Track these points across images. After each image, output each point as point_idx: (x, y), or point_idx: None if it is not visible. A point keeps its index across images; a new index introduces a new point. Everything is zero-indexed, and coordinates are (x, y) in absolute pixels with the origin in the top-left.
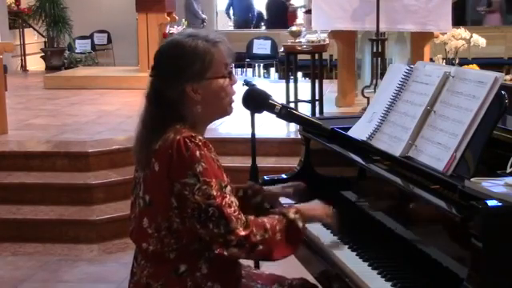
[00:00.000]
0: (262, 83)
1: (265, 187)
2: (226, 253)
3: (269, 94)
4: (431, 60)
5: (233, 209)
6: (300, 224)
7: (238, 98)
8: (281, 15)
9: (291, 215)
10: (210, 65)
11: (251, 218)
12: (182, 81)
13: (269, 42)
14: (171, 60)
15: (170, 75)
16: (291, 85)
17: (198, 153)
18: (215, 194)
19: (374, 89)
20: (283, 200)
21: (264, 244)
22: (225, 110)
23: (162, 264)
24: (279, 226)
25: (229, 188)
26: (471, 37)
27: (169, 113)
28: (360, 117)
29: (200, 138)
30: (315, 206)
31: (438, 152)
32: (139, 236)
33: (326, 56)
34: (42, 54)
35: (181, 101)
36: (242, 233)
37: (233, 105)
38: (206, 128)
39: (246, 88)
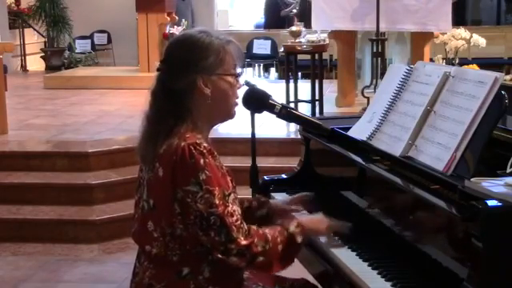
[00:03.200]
0: (261, 83)
1: (271, 200)
2: (226, 262)
3: (269, 94)
4: (431, 60)
5: (235, 218)
6: (299, 239)
7: (238, 98)
8: (279, 16)
9: (292, 228)
10: (223, 61)
11: (254, 227)
12: (194, 73)
13: (269, 42)
14: (184, 52)
15: (182, 67)
16: (291, 85)
17: (202, 161)
18: (217, 202)
19: (374, 89)
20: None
21: (265, 255)
22: (229, 112)
23: (164, 266)
24: (280, 238)
25: (232, 197)
26: (471, 37)
27: (175, 106)
28: (360, 117)
29: (205, 145)
30: (318, 220)
31: (438, 152)
32: (143, 238)
33: (326, 56)
34: (42, 54)
35: (189, 93)
36: (244, 242)
37: (236, 108)
38: (209, 130)
39: (246, 88)
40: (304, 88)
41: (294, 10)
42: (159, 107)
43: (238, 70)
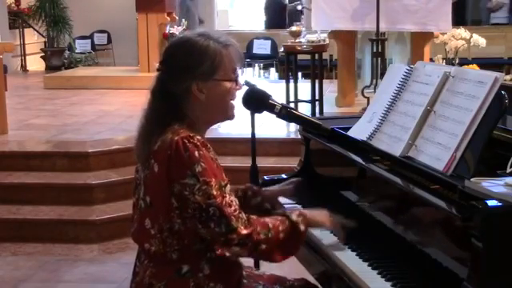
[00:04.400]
0: (261, 83)
1: (263, 188)
2: (227, 253)
3: (269, 94)
4: (431, 60)
5: (233, 208)
6: (302, 227)
7: (237, 98)
8: (279, 16)
9: (294, 217)
10: (219, 66)
11: (254, 217)
12: (189, 78)
13: (269, 42)
14: (181, 56)
15: (178, 71)
16: (291, 85)
17: (196, 153)
18: (215, 193)
19: (374, 89)
20: (283, 200)
21: (267, 243)
22: (226, 114)
23: (164, 264)
24: (282, 227)
25: (228, 187)
26: (471, 37)
27: (172, 108)
28: (360, 117)
29: (198, 137)
30: (320, 213)
31: (438, 152)
32: (141, 236)
33: (326, 56)
34: (42, 54)
35: (185, 98)
36: (244, 231)
37: (235, 110)
38: (206, 130)
39: (246, 88)
40: (304, 88)
41: (299, 7)
42: (157, 107)
43: (237, 73)
